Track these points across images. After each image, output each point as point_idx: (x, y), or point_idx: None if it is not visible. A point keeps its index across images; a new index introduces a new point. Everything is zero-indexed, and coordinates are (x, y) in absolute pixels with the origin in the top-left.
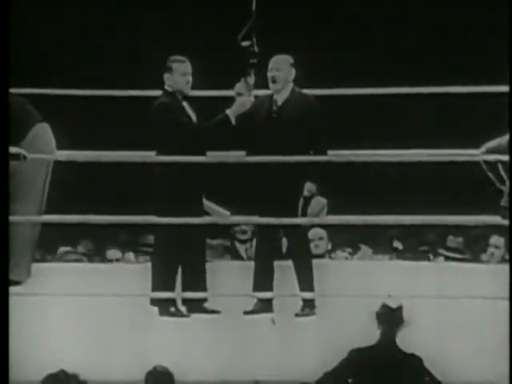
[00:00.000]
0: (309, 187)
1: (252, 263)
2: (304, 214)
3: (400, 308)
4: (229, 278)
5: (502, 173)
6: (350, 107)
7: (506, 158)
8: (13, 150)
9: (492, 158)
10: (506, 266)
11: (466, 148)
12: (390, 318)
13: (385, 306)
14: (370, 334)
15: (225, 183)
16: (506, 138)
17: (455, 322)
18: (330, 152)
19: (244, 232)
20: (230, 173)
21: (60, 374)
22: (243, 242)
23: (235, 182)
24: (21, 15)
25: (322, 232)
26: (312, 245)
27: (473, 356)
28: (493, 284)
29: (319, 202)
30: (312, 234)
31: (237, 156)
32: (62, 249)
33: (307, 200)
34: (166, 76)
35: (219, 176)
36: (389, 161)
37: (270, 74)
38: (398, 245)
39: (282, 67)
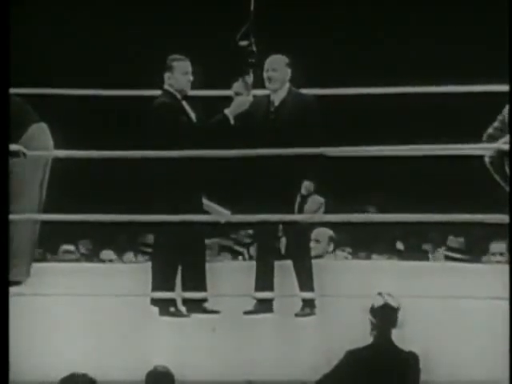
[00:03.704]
0: (306, 186)
1: (252, 263)
2: (301, 213)
3: (386, 305)
4: (229, 278)
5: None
6: (348, 107)
7: (506, 146)
8: (12, 147)
9: (494, 147)
10: (506, 266)
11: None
12: (386, 315)
13: (384, 304)
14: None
15: (223, 183)
16: (505, 112)
17: (455, 323)
18: (327, 150)
19: (248, 236)
20: (228, 172)
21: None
22: (244, 244)
23: (233, 181)
24: (21, 15)
25: (321, 234)
26: None
27: (473, 356)
28: (493, 284)
29: (316, 200)
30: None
31: (236, 151)
32: (62, 248)
33: (304, 198)
34: (167, 75)
35: (217, 176)
36: (387, 155)
37: (266, 75)
38: (400, 246)
39: (277, 67)
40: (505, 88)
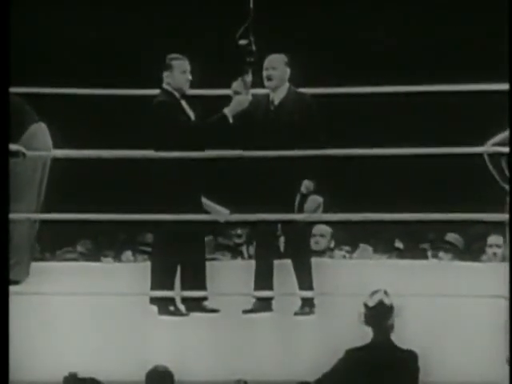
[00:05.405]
0: (306, 185)
1: (251, 262)
2: (300, 212)
3: (380, 304)
4: (228, 276)
5: (506, 171)
6: (348, 106)
7: (506, 149)
8: (12, 147)
9: (493, 150)
10: (506, 264)
11: (465, 146)
12: (374, 316)
13: (365, 306)
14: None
15: (222, 182)
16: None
17: (454, 321)
18: (327, 150)
19: (239, 236)
20: (227, 171)
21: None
22: (238, 245)
23: (233, 180)
24: (21, 15)
25: (324, 229)
26: (312, 240)
27: (472, 356)
28: (493, 282)
29: (315, 200)
30: (315, 229)
31: (235, 152)
32: (61, 248)
33: (304, 197)
34: (166, 74)
35: (217, 175)
36: (386, 154)
37: (265, 73)
38: (399, 245)
39: (277, 66)
40: (505, 87)
